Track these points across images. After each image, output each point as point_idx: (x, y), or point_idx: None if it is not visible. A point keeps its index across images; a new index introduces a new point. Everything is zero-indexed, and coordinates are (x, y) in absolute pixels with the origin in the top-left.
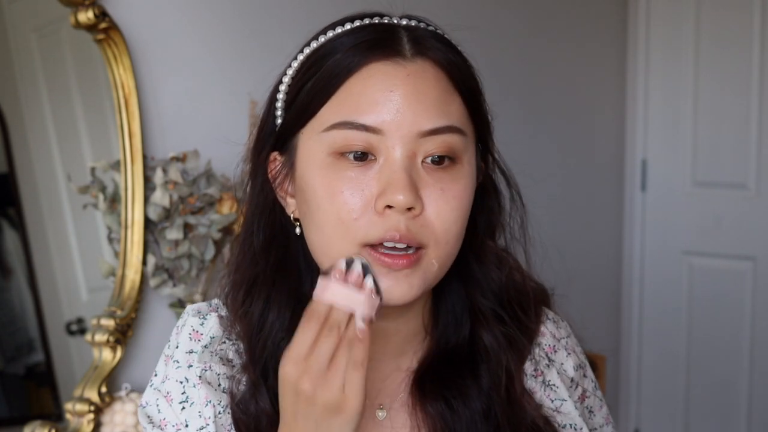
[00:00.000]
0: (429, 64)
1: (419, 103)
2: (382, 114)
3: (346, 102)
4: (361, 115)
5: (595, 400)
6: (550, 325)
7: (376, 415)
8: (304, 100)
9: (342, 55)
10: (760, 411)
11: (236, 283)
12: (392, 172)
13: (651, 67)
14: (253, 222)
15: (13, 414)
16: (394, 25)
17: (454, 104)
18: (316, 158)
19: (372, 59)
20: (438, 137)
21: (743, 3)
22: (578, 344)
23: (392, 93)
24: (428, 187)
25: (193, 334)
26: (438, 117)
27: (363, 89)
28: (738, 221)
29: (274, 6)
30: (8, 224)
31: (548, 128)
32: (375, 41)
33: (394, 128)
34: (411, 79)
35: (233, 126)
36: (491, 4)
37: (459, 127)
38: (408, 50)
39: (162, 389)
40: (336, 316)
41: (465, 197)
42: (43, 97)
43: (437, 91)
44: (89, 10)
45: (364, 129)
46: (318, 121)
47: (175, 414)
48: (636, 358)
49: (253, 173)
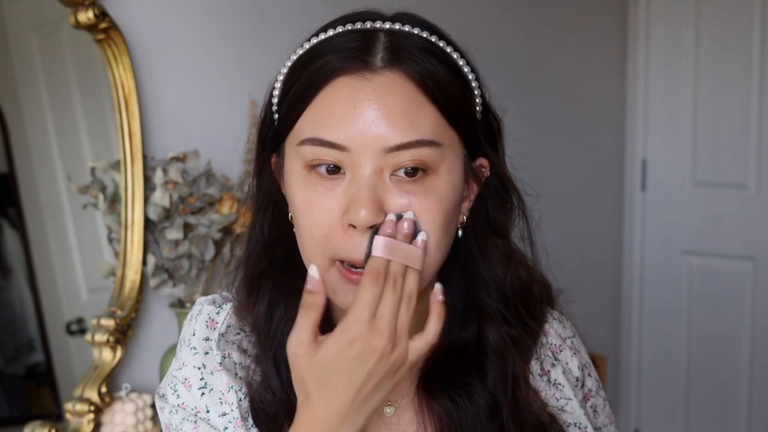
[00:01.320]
0: (398, 75)
1: (384, 119)
2: (347, 131)
3: (317, 116)
4: (327, 132)
5: (599, 399)
6: (555, 324)
7: (383, 411)
8: (286, 109)
9: (318, 65)
10: (760, 411)
11: (245, 278)
12: (357, 190)
13: (651, 67)
14: (258, 218)
15: (13, 414)
16: (375, 31)
17: (425, 115)
18: (295, 170)
19: (340, 73)
20: (406, 152)
21: (743, 3)
22: (583, 344)
23: (356, 109)
24: (395, 203)
25: (209, 322)
26: (404, 132)
27: (331, 104)
28: (738, 221)
29: (274, 6)
30: (8, 224)
31: (548, 128)
32: (347, 52)
33: (359, 146)
34: (376, 93)
35: (233, 126)
36: (491, 4)
37: (430, 140)
38: (378, 62)
39: (179, 375)
40: (395, 270)
41: (438, 209)
42: (43, 97)
43: (405, 104)
44: (89, 10)
45: (330, 146)
46: (296, 131)
47: (194, 399)
48: (636, 357)
49: (257, 171)
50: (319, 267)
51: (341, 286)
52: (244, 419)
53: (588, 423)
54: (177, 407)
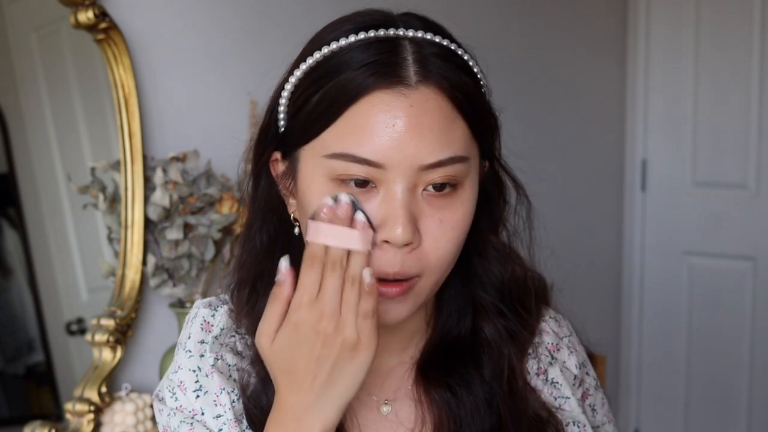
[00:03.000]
0: (432, 90)
1: (421, 137)
2: (383, 148)
3: (349, 131)
4: (362, 148)
5: (597, 397)
6: (552, 323)
7: (380, 410)
8: (309, 118)
9: (349, 76)
10: (760, 411)
11: (241, 281)
12: (392, 208)
13: (651, 67)
14: (256, 220)
15: (13, 414)
16: (399, 39)
17: (458, 130)
18: (318, 182)
19: (376, 87)
20: (440, 169)
21: (743, 3)
22: (580, 342)
23: (394, 127)
24: (427, 219)
25: (204, 324)
26: (440, 150)
27: (365, 120)
28: (738, 221)
29: (274, 6)
30: (8, 224)
31: (548, 128)
32: (380, 65)
33: (396, 163)
34: (414, 110)
35: (233, 126)
36: (491, 5)
37: (462, 156)
38: (412, 76)
39: (175, 379)
40: (334, 254)
41: (463, 224)
42: (43, 97)
43: (440, 120)
44: (89, 10)
45: (365, 162)
46: (321, 143)
47: (190, 401)
48: (636, 358)
49: (256, 172)
50: None
51: None
52: (238, 421)
53: (586, 421)
54: (175, 410)
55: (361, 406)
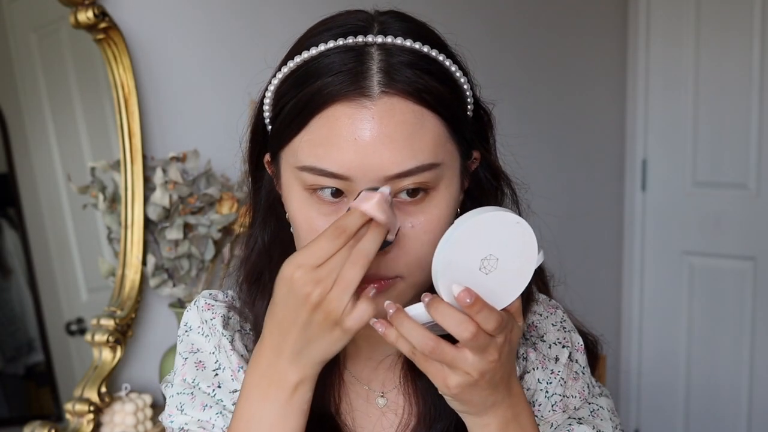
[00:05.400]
0: (397, 98)
1: (385, 148)
2: (348, 161)
3: (315, 144)
4: (327, 162)
5: (579, 381)
6: (538, 320)
7: (377, 403)
8: (282, 124)
9: (318, 84)
10: (760, 411)
11: (246, 276)
12: None
13: (651, 67)
14: (257, 218)
15: (13, 414)
16: (368, 47)
17: (427, 136)
18: (294, 190)
19: (338, 98)
20: (408, 178)
21: (743, 3)
22: (569, 340)
23: (356, 141)
24: (400, 225)
25: (213, 308)
26: (406, 159)
27: (329, 132)
28: (738, 221)
29: (273, 6)
30: (8, 224)
31: (548, 128)
32: (345, 75)
33: (361, 175)
34: (375, 121)
35: (233, 126)
36: (490, 4)
37: (430, 163)
38: (375, 86)
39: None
40: (362, 234)
41: (437, 225)
42: (43, 97)
43: (405, 129)
44: (89, 9)
45: (332, 176)
46: (292, 152)
47: (208, 377)
48: (636, 358)
49: (252, 172)
50: None
51: None
52: None
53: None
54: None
55: (356, 397)
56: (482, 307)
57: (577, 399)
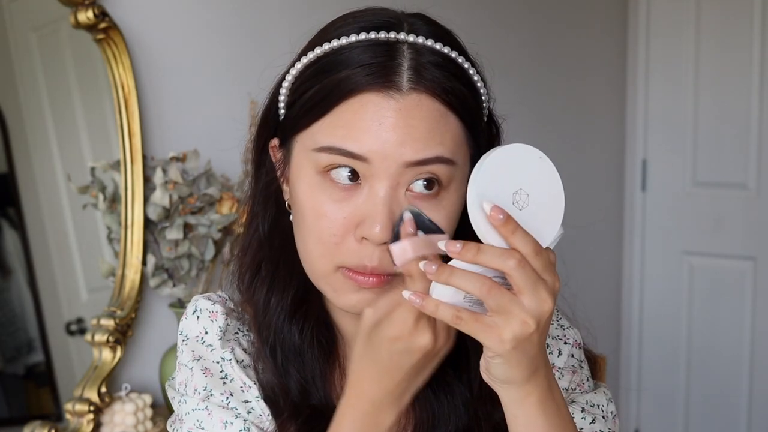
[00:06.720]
0: (424, 96)
1: (407, 136)
2: (370, 143)
3: (337, 126)
4: (348, 142)
5: (576, 374)
6: None
7: None
8: (302, 110)
9: (345, 74)
10: (760, 411)
11: (245, 267)
12: (373, 205)
13: (651, 67)
14: (258, 208)
15: (13, 414)
16: (399, 44)
17: (448, 134)
18: (306, 175)
19: (368, 88)
20: (424, 167)
21: (743, 3)
22: (567, 336)
23: (380, 125)
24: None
25: (212, 315)
26: (425, 148)
27: (353, 118)
28: (738, 221)
29: (274, 6)
30: (8, 224)
31: (548, 128)
32: (375, 68)
33: (380, 158)
34: (402, 113)
35: (233, 126)
36: (491, 5)
37: (447, 158)
38: (405, 82)
39: (197, 366)
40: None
41: (448, 224)
42: (43, 97)
43: (429, 123)
44: (89, 9)
45: (351, 156)
46: (311, 136)
47: (218, 384)
48: (636, 358)
49: (256, 160)
50: (322, 270)
51: (347, 286)
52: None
53: None
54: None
55: None
56: (516, 227)
57: (576, 392)
